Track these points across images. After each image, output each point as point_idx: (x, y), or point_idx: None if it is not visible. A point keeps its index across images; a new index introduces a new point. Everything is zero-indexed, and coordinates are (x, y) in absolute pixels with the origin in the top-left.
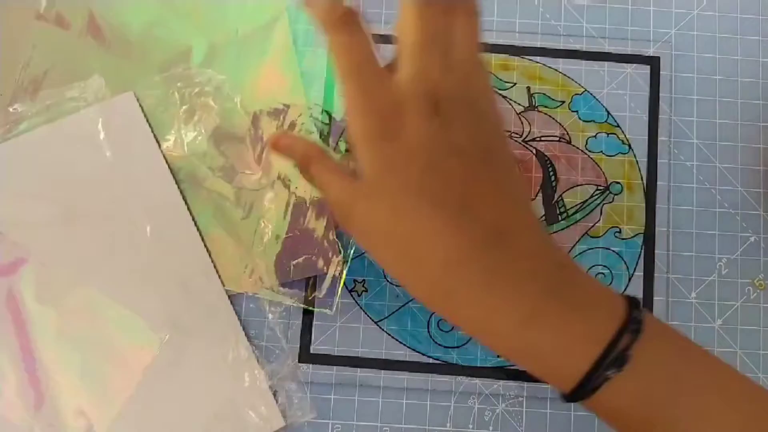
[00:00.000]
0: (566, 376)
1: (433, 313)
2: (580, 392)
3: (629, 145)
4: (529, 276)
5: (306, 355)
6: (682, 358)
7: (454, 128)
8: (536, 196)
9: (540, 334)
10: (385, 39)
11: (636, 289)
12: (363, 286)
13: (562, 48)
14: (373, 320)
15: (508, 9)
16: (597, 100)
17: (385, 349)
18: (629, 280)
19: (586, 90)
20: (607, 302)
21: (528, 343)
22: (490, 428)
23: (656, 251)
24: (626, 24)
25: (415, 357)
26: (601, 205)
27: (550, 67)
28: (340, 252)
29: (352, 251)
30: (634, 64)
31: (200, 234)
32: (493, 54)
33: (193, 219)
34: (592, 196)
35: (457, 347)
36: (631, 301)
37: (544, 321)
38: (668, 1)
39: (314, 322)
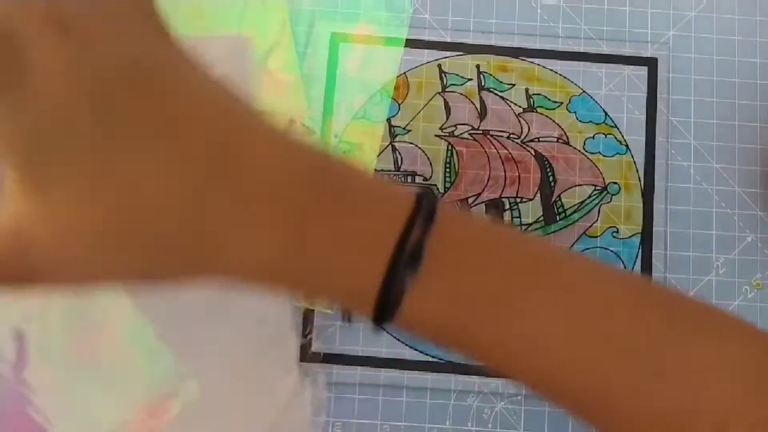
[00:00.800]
0: (364, 295)
1: None
2: (384, 313)
3: (627, 146)
4: (279, 191)
5: (306, 355)
6: (493, 246)
7: (104, 42)
8: (535, 196)
9: (319, 253)
10: (384, 41)
11: None
12: None
13: (560, 49)
14: None
15: (507, 11)
16: (595, 101)
17: (384, 347)
18: None
19: (584, 91)
20: (393, 198)
21: (310, 269)
22: (489, 426)
23: (654, 251)
24: (624, 26)
25: (415, 355)
26: (598, 205)
27: (548, 68)
28: None
29: None
30: (632, 66)
31: None
32: (491, 56)
33: None
34: (590, 197)
35: None
36: (422, 193)
37: (319, 237)
38: (666, 2)
39: (314, 322)
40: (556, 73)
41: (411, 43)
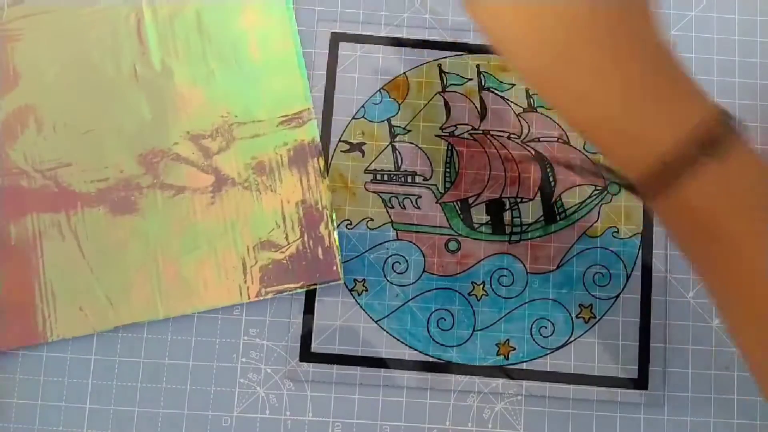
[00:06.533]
0: (652, 152)
1: (432, 312)
2: (663, 175)
3: None
4: (638, 51)
5: (306, 355)
6: None
7: None
8: (535, 196)
9: (638, 102)
10: (384, 41)
11: (634, 289)
12: (363, 285)
13: None
14: (373, 319)
15: None
16: None
17: (385, 348)
18: (627, 279)
19: None
20: (705, 102)
21: (625, 110)
22: (489, 426)
23: (654, 251)
24: None
25: (415, 356)
26: (599, 205)
27: None
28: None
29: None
30: None
31: None
32: (492, 55)
33: None
34: (590, 197)
35: (457, 346)
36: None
37: (645, 91)
38: (666, 2)
39: (314, 322)
40: None
41: (411, 43)
